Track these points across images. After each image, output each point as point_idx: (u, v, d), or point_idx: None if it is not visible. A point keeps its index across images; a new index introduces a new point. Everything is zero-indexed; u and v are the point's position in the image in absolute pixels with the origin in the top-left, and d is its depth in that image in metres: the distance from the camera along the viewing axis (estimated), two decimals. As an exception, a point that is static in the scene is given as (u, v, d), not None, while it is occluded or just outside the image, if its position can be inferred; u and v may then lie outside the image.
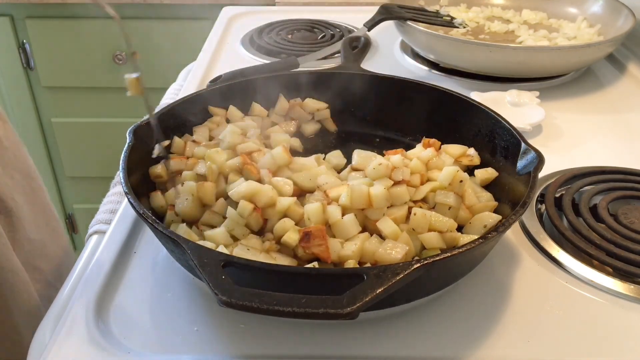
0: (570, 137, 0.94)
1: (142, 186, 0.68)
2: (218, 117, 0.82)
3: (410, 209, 0.64)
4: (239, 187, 0.65)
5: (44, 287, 0.94)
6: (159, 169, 0.71)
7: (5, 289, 0.84)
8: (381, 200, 0.63)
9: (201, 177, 0.69)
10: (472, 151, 0.76)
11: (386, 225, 0.62)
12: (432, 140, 0.76)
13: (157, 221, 0.58)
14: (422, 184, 0.69)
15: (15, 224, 0.90)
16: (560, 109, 1.02)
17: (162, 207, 0.68)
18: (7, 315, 0.86)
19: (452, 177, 0.67)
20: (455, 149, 0.76)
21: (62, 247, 1.04)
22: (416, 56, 1.21)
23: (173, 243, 0.54)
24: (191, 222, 0.66)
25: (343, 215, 0.63)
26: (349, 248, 0.59)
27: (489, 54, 1.04)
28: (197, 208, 0.67)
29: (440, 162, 0.72)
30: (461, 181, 0.67)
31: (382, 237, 0.61)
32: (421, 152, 0.74)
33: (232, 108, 0.83)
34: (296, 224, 0.63)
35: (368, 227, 0.64)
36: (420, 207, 0.66)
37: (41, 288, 0.93)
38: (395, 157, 0.70)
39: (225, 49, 1.26)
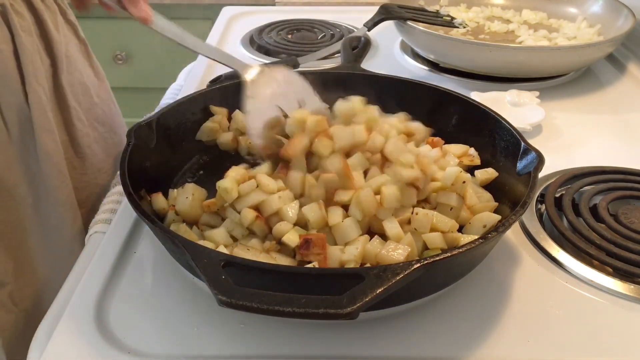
0: (570, 137, 0.94)
1: (142, 186, 0.68)
2: (219, 117, 0.82)
3: (412, 209, 0.64)
4: (244, 201, 0.64)
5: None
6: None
7: (54, 219, 0.94)
8: (392, 200, 0.62)
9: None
10: (473, 151, 0.76)
11: (391, 226, 0.61)
12: (436, 139, 0.76)
13: (157, 221, 0.58)
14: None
15: (86, 168, 0.99)
16: (560, 109, 1.02)
17: (164, 209, 0.68)
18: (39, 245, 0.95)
19: (454, 178, 0.66)
20: (456, 149, 0.76)
21: None
22: (416, 56, 1.21)
23: (173, 243, 0.54)
24: (191, 222, 0.66)
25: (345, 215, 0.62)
26: (351, 252, 0.59)
27: (489, 54, 1.04)
28: (198, 208, 0.67)
29: (444, 162, 0.72)
30: (464, 182, 0.66)
31: (383, 237, 0.61)
32: (428, 152, 0.73)
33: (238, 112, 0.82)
34: (296, 225, 0.62)
35: (373, 225, 0.63)
36: (423, 207, 0.65)
37: (88, 220, 1.00)
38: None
39: (225, 49, 1.26)
